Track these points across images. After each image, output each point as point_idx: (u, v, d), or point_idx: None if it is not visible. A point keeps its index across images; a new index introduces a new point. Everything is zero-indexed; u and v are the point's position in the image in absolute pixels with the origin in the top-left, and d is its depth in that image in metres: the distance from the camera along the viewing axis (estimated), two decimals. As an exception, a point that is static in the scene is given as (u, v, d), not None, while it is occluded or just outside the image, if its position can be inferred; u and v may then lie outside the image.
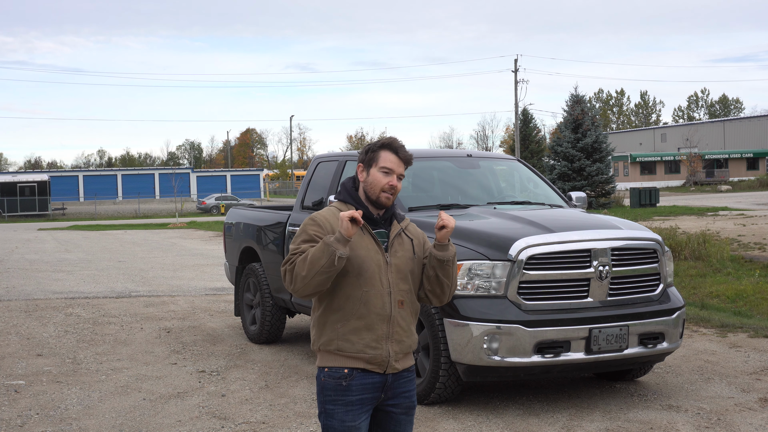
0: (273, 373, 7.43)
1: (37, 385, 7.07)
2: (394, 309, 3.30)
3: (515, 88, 57.78)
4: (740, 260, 14.25)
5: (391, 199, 3.32)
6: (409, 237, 3.41)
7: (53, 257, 20.58)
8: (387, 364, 3.31)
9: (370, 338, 3.28)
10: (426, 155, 8.39)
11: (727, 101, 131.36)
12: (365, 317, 3.27)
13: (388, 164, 3.31)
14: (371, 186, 3.32)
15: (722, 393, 6.49)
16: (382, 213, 3.37)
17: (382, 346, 3.29)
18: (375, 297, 3.28)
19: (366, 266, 3.26)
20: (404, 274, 3.34)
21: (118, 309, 11.29)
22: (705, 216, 28.39)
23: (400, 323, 3.33)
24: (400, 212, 3.50)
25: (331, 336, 3.32)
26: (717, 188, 63.17)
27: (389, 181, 3.30)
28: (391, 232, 3.37)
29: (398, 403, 3.39)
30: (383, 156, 3.33)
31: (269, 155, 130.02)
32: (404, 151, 3.36)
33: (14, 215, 56.36)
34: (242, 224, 9.28)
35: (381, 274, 3.29)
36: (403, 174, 3.36)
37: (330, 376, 3.31)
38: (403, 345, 3.35)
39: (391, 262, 3.32)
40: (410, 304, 3.38)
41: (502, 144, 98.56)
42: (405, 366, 3.38)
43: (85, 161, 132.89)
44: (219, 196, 60.69)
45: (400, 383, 3.38)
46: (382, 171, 3.31)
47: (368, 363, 3.29)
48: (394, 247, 3.35)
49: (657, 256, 6.35)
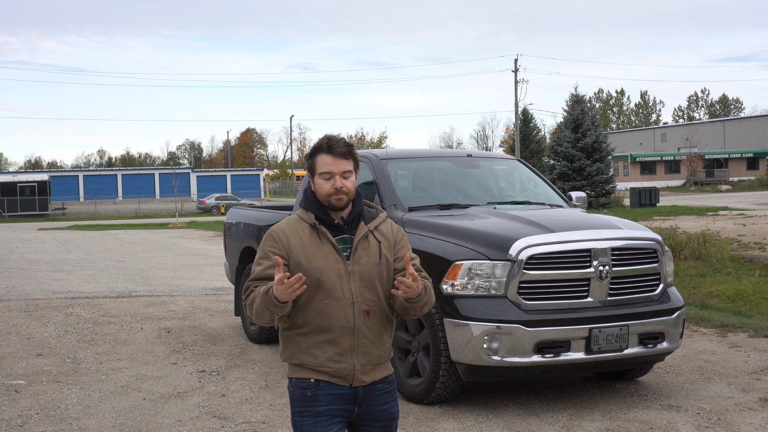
0: (273, 373, 7.43)
1: (37, 385, 7.07)
2: (358, 320, 3.11)
3: (515, 88, 57.76)
4: (740, 260, 14.25)
5: (343, 200, 3.13)
6: (377, 239, 3.20)
7: (53, 257, 20.58)
8: (353, 377, 3.14)
9: (333, 352, 3.12)
10: (426, 155, 8.39)
11: (727, 101, 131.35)
12: (328, 331, 3.11)
13: (325, 168, 3.13)
14: (319, 194, 3.16)
15: (722, 393, 6.49)
16: (345, 215, 3.18)
17: (347, 360, 3.12)
18: (337, 309, 3.10)
19: (325, 277, 3.09)
20: (369, 282, 3.13)
21: (118, 309, 11.29)
22: (705, 216, 28.39)
23: (366, 334, 3.14)
24: (372, 210, 3.29)
25: (294, 350, 3.18)
26: (717, 188, 63.17)
27: (332, 185, 3.12)
28: (356, 235, 3.17)
29: (376, 417, 3.21)
30: (319, 161, 3.15)
31: (269, 155, 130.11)
32: (340, 146, 3.14)
33: (14, 215, 56.36)
34: (242, 224, 9.28)
35: (342, 284, 3.10)
36: (350, 169, 3.15)
37: (297, 386, 3.17)
38: (371, 357, 3.16)
39: (353, 270, 3.12)
40: (378, 312, 3.16)
41: (502, 144, 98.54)
42: (375, 378, 3.19)
43: (85, 161, 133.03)
44: (219, 196, 60.72)
45: (375, 396, 3.19)
46: (322, 177, 3.14)
47: (332, 376, 3.13)
48: (358, 252, 3.15)
49: (657, 256, 6.35)
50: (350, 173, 3.16)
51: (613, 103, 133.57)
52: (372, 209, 3.29)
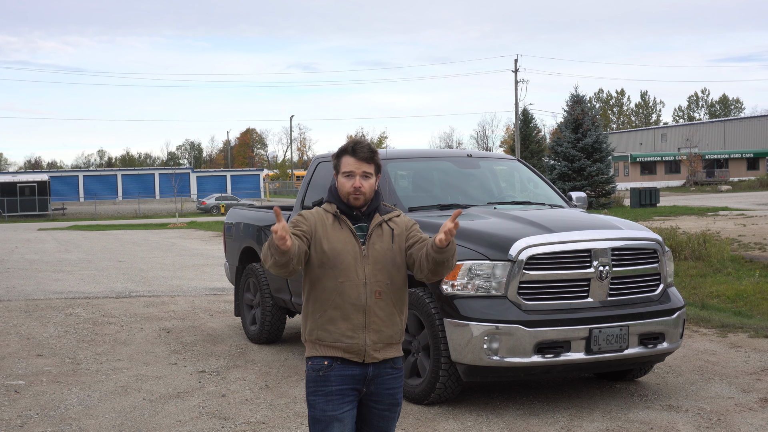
0: (273, 373, 7.43)
1: (37, 385, 7.07)
2: (369, 299, 3.42)
3: (515, 88, 57.77)
4: (740, 260, 14.24)
5: (360, 199, 3.48)
6: (390, 227, 3.54)
7: (53, 257, 20.58)
8: (364, 353, 3.42)
9: (346, 327, 3.41)
10: (426, 155, 8.39)
11: (728, 101, 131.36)
12: (341, 307, 3.42)
13: (347, 168, 3.50)
14: (340, 191, 3.53)
15: (722, 393, 6.49)
16: (363, 210, 3.53)
17: (359, 335, 3.41)
18: (350, 288, 3.42)
19: (341, 258, 3.42)
20: (382, 265, 3.46)
21: (118, 309, 11.28)
22: (705, 216, 28.39)
23: (377, 313, 3.43)
24: (388, 206, 3.64)
25: (312, 326, 3.48)
26: (717, 188, 63.17)
27: (352, 184, 3.47)
28: (371, 224, 3.51)
29: (381, 400, 3.49)
30: (343, 161, 3.52)
31: (269, 155, 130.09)
32: (363, 150, 3.50)
33: (14, 215, 56.36)
34: (242, 224, 9.28)
35: (357, 266, 3.43)
36: (370, 171, 3.50)
37: (312, 368, 3.46)
38: (381, 335, 3.45)
39: (368, 253, 3.46)
40: (391, 294, 3.48)
41: (502, 144, 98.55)
42: (386, 356, 3.47)
43: (85, 161, 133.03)
44: (219, 196, 60.72)
45: (383, 379, 3.48)
46: (344, 176, 3.51)
47: (345, 352, 3.41)
48: (373, 239, 3.49)
49: (657, 256, 6.35)
50: (370, 175, 3.51)
51: (613, 104, 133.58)
52: (388, 207, 3.63)
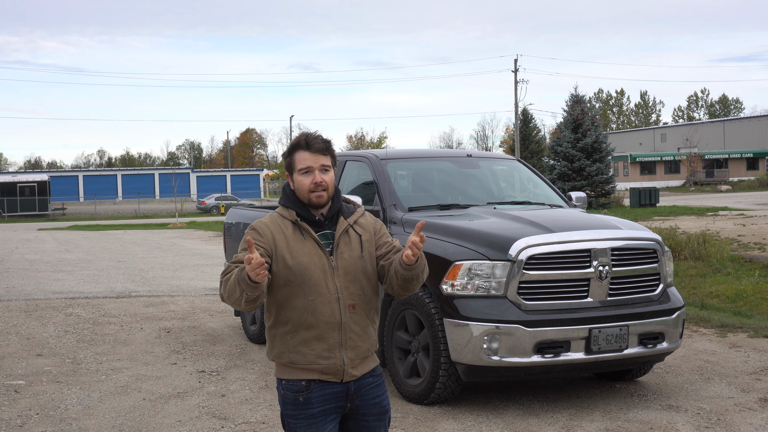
0: (273, 373, 7.43)
1: (37, 385, 7.07)
2: (344, 315, 3.13)
3: (515, 88, 57.81)
4: (740, 260, 14.25)
5: (323, 196, 3.16)
6: (358, 233, 3.22)
7: (53, 257, 20.59)
8: (343, 372, 3.14)
9: (322, 348, 3.12)
10: (426, 155, 8.40)
11: (727, 101, 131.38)
12: (314, 327, 3.11)
13: (303, 164, 3.16)
14: (299, 191, 3.19)
15: (722, 393, 6.49)
16: (325, 212, 3.21)
17: (335, 355, 3.13)
18: (322, 305, 3.11)
19: (309, 273, 3.10)
20: (354, 276, 3.16)
21: (118, 309, 11.29)
22: (705, 216, 28.39)
23: (353, 329, 3.15)
24: (350, 204, 3.32)
25: (281, 348, 3.17)
26: (717, 188, 63.19)
27: (312, 180, 3.15)
28: (336, 230, 3.20)
29: (368, 411, 3.23)
30: (297, 158, 3.18)
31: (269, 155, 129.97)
32: (318, 141, 3.18)
33: (14, 215, 56.38)
34: (242, 224, 9.28)
35: (327, 280, 3.12)
36: (328, 164, 3.19)
37: (288, 389, 3.17)
38: (359, 350, 3.17)
39: (337, 265, 3.14)
40: (364, 305, 3.19)
41: (502, 144, 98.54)
42: (364, 371, 3.21)
43: (85, 161, 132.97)
44: (219, 196, 60.75)
45: (366, 390, 3.22)
46: (301, 173, 3.17)
47: (322, 373, 3.14)
48: (340, 247, 3.17)
49: (657, 256, 6.35)
50: (329, 168, 3.19)
51: (613, 103, 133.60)
52: (350, 205, 3.32)
